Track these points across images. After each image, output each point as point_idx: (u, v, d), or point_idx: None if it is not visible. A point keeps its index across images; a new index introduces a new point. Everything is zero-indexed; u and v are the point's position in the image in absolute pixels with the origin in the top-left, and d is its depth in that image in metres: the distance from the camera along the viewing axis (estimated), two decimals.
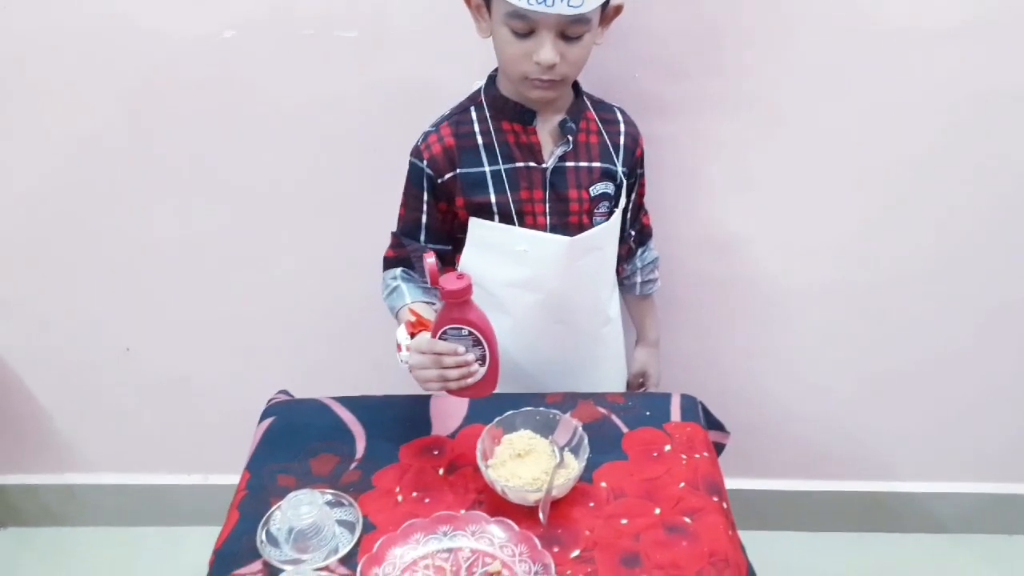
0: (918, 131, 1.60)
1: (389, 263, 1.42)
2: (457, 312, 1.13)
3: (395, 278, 1.39)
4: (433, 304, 1.35)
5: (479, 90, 1.35)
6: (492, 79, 1.34)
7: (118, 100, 1.61)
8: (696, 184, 1.67)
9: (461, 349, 1.14)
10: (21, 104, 1.63)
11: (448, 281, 1.11)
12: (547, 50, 1.18)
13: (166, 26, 1.52)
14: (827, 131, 1.61)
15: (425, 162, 1.33)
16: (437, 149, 1.32)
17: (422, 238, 1.38)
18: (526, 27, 1.18)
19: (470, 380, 1.16)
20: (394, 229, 1.41)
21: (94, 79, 1.58)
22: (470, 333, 1.14)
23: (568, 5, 1.13)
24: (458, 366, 1.14)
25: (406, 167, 1.36)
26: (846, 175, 1.65)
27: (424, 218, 1.36)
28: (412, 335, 1.21)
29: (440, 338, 1.15)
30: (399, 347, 1.22)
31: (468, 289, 1.11)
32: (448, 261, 1.40)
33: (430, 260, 1.13)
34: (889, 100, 1.57)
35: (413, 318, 1.25)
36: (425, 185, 1.34)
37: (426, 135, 1.34)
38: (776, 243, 1.75)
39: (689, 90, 1.57)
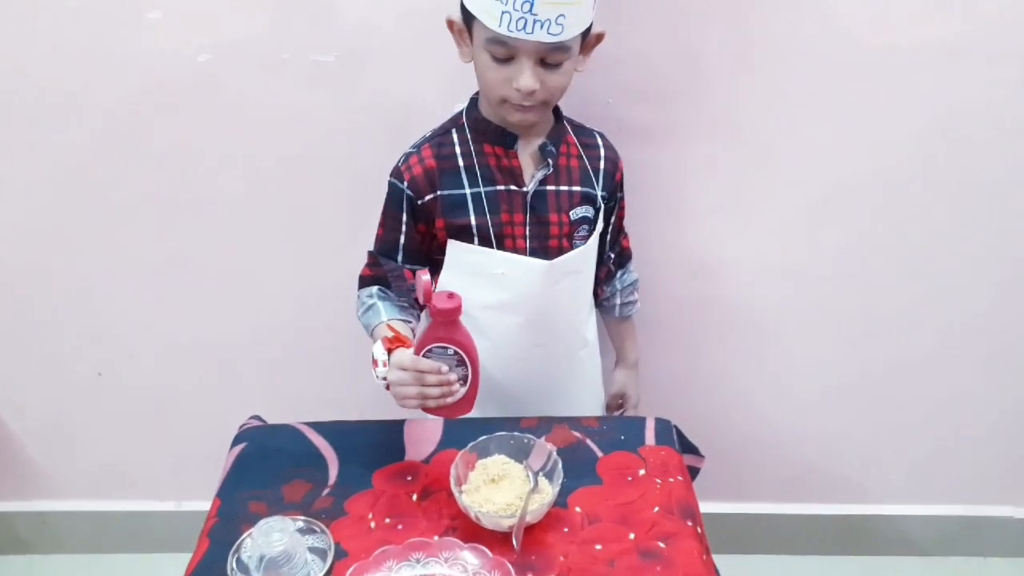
0: (896, 153, 1.62)
1: (365, 282, 1.42)
2: (444, 331, 1.13)
3: (371, 296, 1.39)
4: (409, 323, 1.35)
5: (460, 112, 1.36)
6: (474, 102, 1.35)
7: (92, 123, 1.60)
8: (675, 207, 1.69)
9: (444, 368, 1.14)
10: None
11: (440, 300, 1.11)
12: (526, 77, 1.19)
13: (140, 49, 1.52)
14: (804, 153, 1.62)
15: (406, 183, 1.33)
16: (418, 171, 1.32)
17: (399, 258, 1.38)
18: (506, 53, 1.19)
19: (449, 399, 1.17)
20: (371, 248, 1.41)
21: (66, 104, 1.58)
22: (455, 352, 1.14)
23: (548, 33, 1.14)
24: (440, 384, 1.15)
25: (382, 188, 1.36)
26: (824, 196, 1.67)
27: (402, 239, 1.36)
28: (389, 351, 1.20)
29: (424, 355, 1.14)
30: (375, 363, 1.21)
31: (458, 309, 1.12)
32: None
33: (425, 278, 1.12)
34: (867, 122, 1.59)
35: (391, 334, 1.24)
36: (405, 206, 1.34)
37: (407, 156, 1.35)
38: (753, 265, 1.76)
39: (668, 114, 1.59)
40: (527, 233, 1.35)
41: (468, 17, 1.21)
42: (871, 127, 1.59)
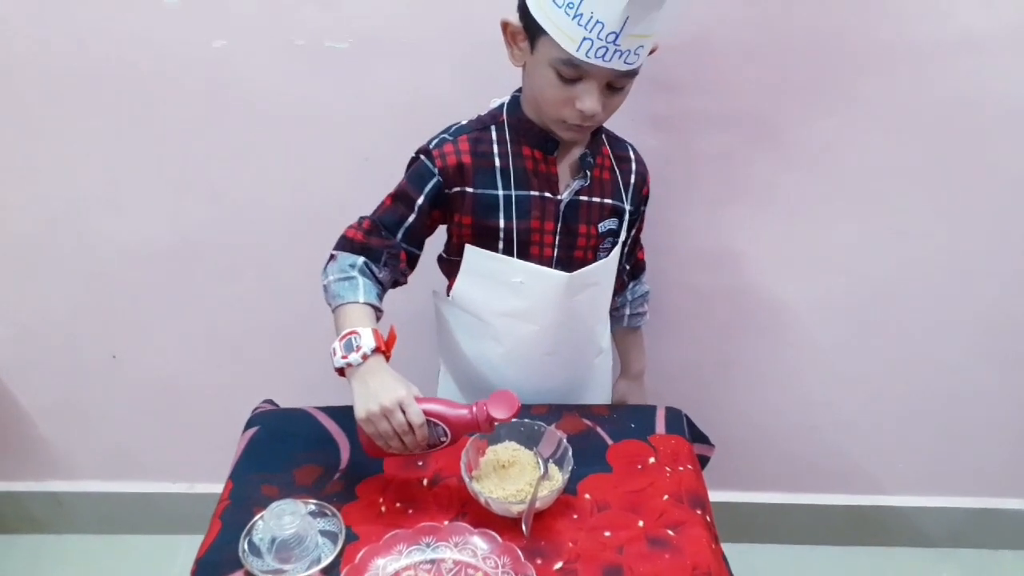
0: (911, 145, 1.61)
1: (352, 246, 1.30)
2: (461, 428, 1.13)
3: (354, 266, 1.28)
4: (381, 312, 1.27)
5: (501, 108, 1.31)
6: (516, 100, 1.30)
7: (106, 108, 1.60)
8: (686, 197, 1.68)
9: (424, 442, 1.14)
10: (7, 112, 1.62)
11: (488, 425, 1.12)
12: (593, 101, 1.16)
13: (155, 34, 1.53)
14: (817, 145, 1.62)
15: (437, 169, 1.27)
16: (452, 161, 1.26)
17: (399, 236, 1.30)
18: (575, 75, 1.14)
19: (392, 449, 1.15)
20: (369, 214, 1.32)
21: (83, 87, 1.58)
22: (445, 440, 1.15)
23: (624, 62, 1.12)
24: (406, 444, 1.13)
25: (395, 177, 1.32)
26: (836, 189, 1.67)
27: (411, 219, 1.29)
28: (376, 350, 1.16)
29: (428, 417, 1.12)
30: (356, 348, 1.15)
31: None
32: (415, 265, 1.35)
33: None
34: (881, 114, 1.58)
35: (375, 325, 1.20)
36: (427, 189, 1.28)
37: (442, 141, 1.28)
38: (764, 256, 1.76)
39: (680, 104, 1.58)
40: (556, 242, 1.32)
41: (534, 28, 1.14)
42: (886, 117, 1.58)
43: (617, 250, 1.39)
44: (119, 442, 2.05)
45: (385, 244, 1.29)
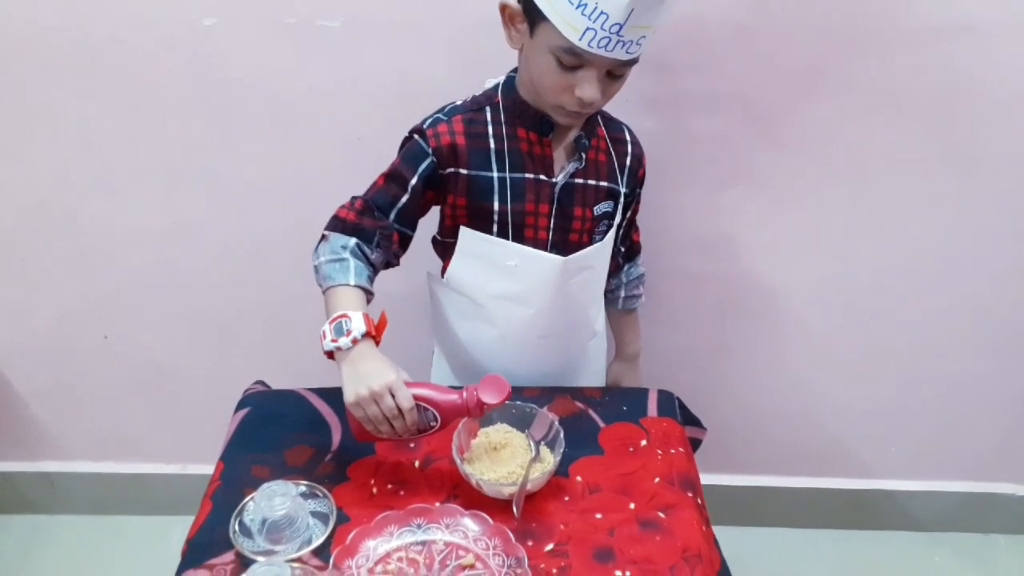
0: (907, 130, 1.60)
1: (345, 227, 1.28)
2: (451, 412, 1.13)
3: (346, 247, 1.25)
4: (372, 295, 1.25)
5: (496, 88, 1.29)
6: (511, 80, 1.28)
7: (96, 88, 1.59)
8: (681, 179, 1.67)
9: (413, 427, 1.13)
10: None
11: (477, 409, 1.12)
12: (592, 89, 1.15)
13: (145, 13, 1.51)
14: (813, 129, 1.61)
15: (431, 149, 1.25)
16: (446, 141, 1.25)
17: (392, 217, 1.28)
18: (576, 62, 1.13)
19: (382, 434, 1.15)
20: (362, 194, 1.30)
21: (73, 68, 1.57)
22: (435, 425, 1.14)
23: (626, 52, 1.11)
24: (395, 429, 1.13)
25: (388, 157, 1.30)
26: (831, 173, 1.66)
27: (404, 199, 1.27)
28: (366, 334, 1.15)
29: (418, 402, 1.11)
30: (347, 332, 1.14)
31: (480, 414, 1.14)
32: (407, 246, 1.33)
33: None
34: (877, 98, 1.57)
35: (365, 309, 1.20)
36: (421, 169, 1.26)
37: (436, 121, 1.27)
38: (760, 240, 1.75)
39: (675, 86, 1.57)
40: (551, 225, 1.31)
41: (535, 13, 1.13)
42: (883, 102, 1.57)
43: (612, 233, 1.39)
44: (112, 423, 2.05)
45: (378, 225, 1.28)
